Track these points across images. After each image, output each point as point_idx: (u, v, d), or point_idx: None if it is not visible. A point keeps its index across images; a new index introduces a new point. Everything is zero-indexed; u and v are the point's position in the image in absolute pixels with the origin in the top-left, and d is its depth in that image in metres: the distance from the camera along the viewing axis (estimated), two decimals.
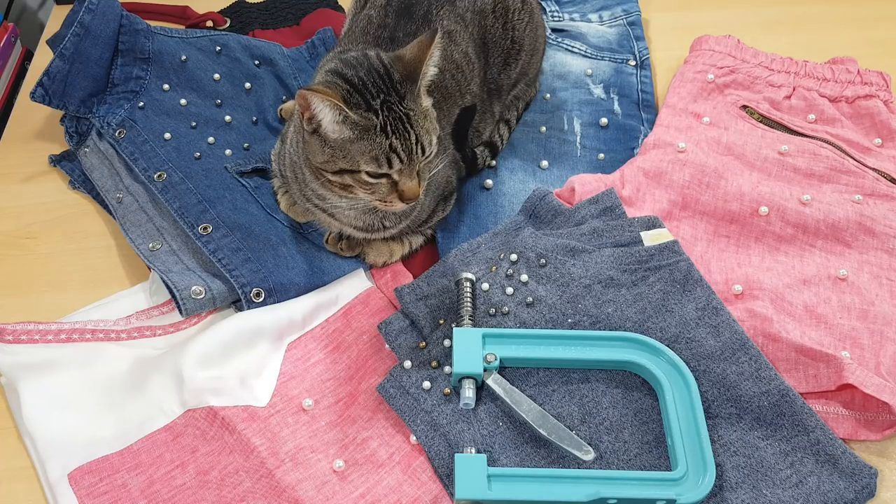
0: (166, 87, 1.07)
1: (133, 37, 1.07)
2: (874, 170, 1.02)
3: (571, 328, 0.85)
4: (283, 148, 0.95)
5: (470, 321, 0.84)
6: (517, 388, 0.81)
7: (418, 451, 0.81)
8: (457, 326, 0.84)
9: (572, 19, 1.25)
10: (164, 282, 0.88)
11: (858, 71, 1.10)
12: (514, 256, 0.90)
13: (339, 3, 1.29)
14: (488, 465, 0.77)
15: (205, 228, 0.92)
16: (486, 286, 0.88)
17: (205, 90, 1.08)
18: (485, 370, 0.81)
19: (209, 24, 1.24)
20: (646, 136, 1.08)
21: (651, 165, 1.01)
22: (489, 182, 1.04)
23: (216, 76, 1.10)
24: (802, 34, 1.25)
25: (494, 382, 0.81)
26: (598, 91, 1.16)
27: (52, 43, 1.03)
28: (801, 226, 0.96)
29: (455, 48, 0.95)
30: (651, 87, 1.16)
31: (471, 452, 0.77)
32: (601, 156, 1.09)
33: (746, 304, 0.88)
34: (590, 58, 1.20)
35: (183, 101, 1.06)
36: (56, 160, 1.08)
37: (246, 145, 1.05)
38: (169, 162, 0.98)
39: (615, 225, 0.91)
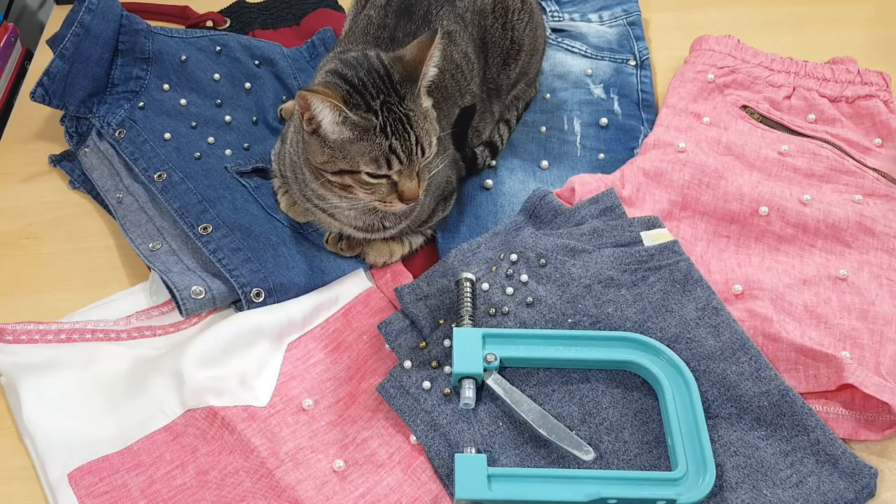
0: (166, 87, 1.07)
1: (133, 37, 1.07)
2: (874, 170, 1.02)
3: (571, 328, 0.85)
4: (283, 148, 0.95)
5: (470, 321, 0.84)
6: (517, 388, 0.81)
7: (418, 451, 0.81)
8: (457, 326, 0.84)
9: (572, 19, 1.25)
10: (164, 282, 0.88)
11: (858, 71, 1.10)
12: (514, 256, 0.90)
13: (340, 3, 1.29)
14: (488, 464, 0.76)
15: (205, 228, 0.92)
16: (486, 286, 0.88)
17: (205, 90, 1.08)
18: (485, 370, 0.81)
19: (209, 24, 1.24)
20: (646, 136, 1.08)
21: (651, 165, 1.01)
22: (489, 182, 1.04)
23: (216, 76, 1.10)
24: (802, 34, 1.25)
25: (494, 382, 0.81)
26: (598, 91, 1.16)
27: (52, 43, 1.03)
28: (801, 226, 0.96)
29: (455, 48, 0.95)
30: (651, 87, 1.16)
31: (471, 452, 0.77)
32: (601, 156, 1.09)
33: (746, 304, 0.88)
34: (590, 58, 1.20)
35: (183, 101, 1.06)
36: (56, 160, 1.08)
37: (246, 145, 1.05)
38: (169, 162, 0.98)
39: (615, 225, 0.91)
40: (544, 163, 1.07)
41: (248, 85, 1.11)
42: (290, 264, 0.92)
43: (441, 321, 0.87)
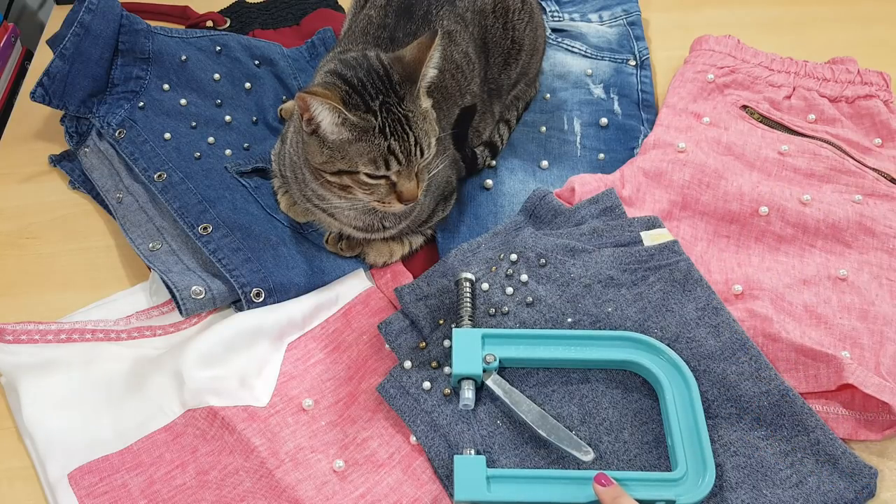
0: (166, 87, 1.07)
1: (133, 37, 1.07)
2: (874, 170, 1.02)
3: (571, 328, 0.85)
4: (283, 148, 0.95)
5: (469, 321, 0.84)
6: (517, 388, 0.81)
7: (418, 452, 0.81)
8: (456, 327, 0.84)
9: (572, 19, 1.25)
10: (164, 282, 0.88)
11: (858, 71, 1.10)
12: (514, 256, 0.90)
13: (339, 3, 1.29)
14: (488, 465, 0.77)
15: (205, 228, 0.92)
16: (485, 286, 0.88)
17: (205, 90, 1.08)
18: (484, 371, 0.81)
19: (209, 24, 1.24)
20: (646, 136, 1.08)
21: (651, 165, 1.01)
22: (489, 182, 1.04)
23: (216, 76, 1.10)
24: (802, 34, 1.25)
25: (494, 383, 0.81)
26: (598, 91, 1.16)
27: (52, 43, 1.03)
28: (801, 226, 0.96)
29: (455, 48, 0.95)
30: (651, 87, 1.16)
31: (470, 454, 0.77)
32: (601, 156, 1.09)
33: (746, 304, 0.88)
34: (590, 58, 1.20)
35: (183, 101, 1.06)
36: (56, 160, 1.08)
37: (246, 145, 1.05)
38: (169, 162, 0.98)
39: (615, 225, 0.91)
40: (544, 163, 1.07)
41: (248, 85, 1.11)
42: (290, 264, 0.92)
43: (441, 321, 0.87)
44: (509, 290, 0.88)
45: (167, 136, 1.02)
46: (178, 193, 0.95)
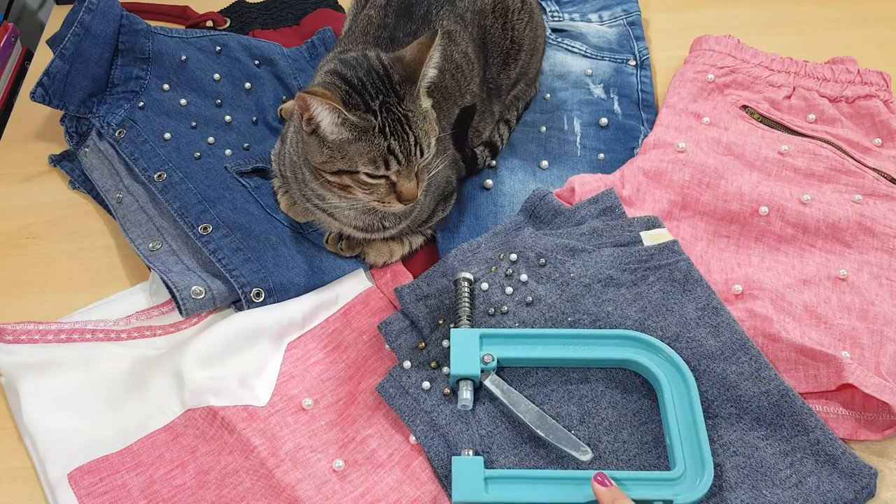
0: (166, 87, 1.07)
1: (133, 37, 1.07)
2: (874, 170, 1.02)
3: (571, 327, 0.85)
4: (283, 148, 0.95)
5: (468, 321, 0.84)
6: (516, 388, 0.81)
7: (418, 451, 0.81)
8: (454, 327, 0.84)
9: (572, 19, 1.25)
10: (164, 282, 0.88)
11: (858, 71, 1.10)
12: (513, 256, 0.90)
13: (339, 3, 1.29)
14: (487, 465, 0.77)
15: (205, 228, 0.93)
16: (485, 286, 0.88)
17: (205, 90, 1.08)
18: (482, 371, 0.81)
19: (209, 24, 1.24)
20: (646, 136, 1.08)
21: (651, 165, 1.01)
22: (489, 182, 1.04)
23: (216, 76, 1.10)
24: (802, 34, 1.25)
25: (492, 384, 0.81)
26: (598, 91, 1.16)
27: (52, 43, 1.03)
28: (801, 226, 0.96)
29: (455, 48, 0.95)
30: (651, 87, 1.16)
31: (469, 454, 0.77)
32: (601, 156, 1.09)
33: (746, 304, 0.88)
34: (590, 58, 1.20)
35: (183, 101, 1.07)
36: (56, 160, 1.08)
37: (246, 145, 1.05)
38: (169, 162, 0.99)
39: (615, 225, 0.91)
40: (544, 163, 1.07)
41: (248, 85, 1.11)
42: (290, 264, 0.92)
43: (440, 321, 0.87)
44: (509, 289, 0.88)
45: (167, 136, 1.02)
46: (178, 193, 0.95)
